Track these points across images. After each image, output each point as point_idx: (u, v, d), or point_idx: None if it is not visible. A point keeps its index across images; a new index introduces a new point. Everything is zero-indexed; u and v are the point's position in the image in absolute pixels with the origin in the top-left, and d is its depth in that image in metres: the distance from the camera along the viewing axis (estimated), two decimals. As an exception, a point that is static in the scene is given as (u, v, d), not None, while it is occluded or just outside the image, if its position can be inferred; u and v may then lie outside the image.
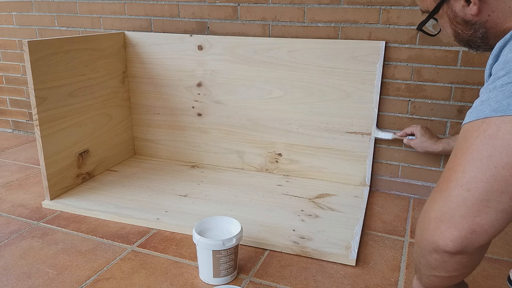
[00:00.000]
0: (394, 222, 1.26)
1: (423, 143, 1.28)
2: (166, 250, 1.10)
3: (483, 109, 0.57)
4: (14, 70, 1.99)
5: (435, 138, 1.28)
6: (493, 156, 0.54)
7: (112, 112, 1.57)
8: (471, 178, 0.55)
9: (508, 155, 0.53)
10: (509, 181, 0.53)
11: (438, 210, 0.58)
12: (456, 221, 0.56)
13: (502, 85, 0.56)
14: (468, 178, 0.56)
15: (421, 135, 1.28)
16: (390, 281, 0.99)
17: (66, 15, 1.78)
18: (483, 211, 0.54)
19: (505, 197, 0.54)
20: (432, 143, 1.27)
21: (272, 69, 1.44)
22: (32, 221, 1.24)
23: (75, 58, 1.36)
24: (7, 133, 2.09)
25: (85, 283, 0.97)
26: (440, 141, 1.27)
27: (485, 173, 0.54)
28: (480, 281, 1.00)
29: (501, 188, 0.54)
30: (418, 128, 1.30)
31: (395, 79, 1.36)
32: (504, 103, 0.54)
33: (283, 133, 1.50)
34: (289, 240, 1.12)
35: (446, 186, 0.58)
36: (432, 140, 1.27)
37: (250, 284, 0.97)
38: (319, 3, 1.38)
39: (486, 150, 0.55)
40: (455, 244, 0.56)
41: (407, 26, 1.30)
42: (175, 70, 1.57)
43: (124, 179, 1.49)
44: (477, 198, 0.55)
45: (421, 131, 1.29)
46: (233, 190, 1.42)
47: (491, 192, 0.54)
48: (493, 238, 0.56)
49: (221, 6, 1.50)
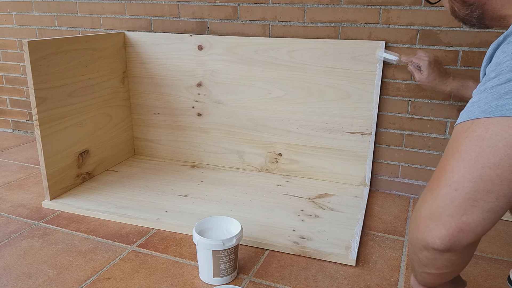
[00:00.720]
0: (394, 222, 1.26)
1: (430, 82, 1.16)
2: (166, 250, 1.10)
3: (473, 110, 0.58)
4: (14, 70, 1.99)
5: (445, 76, 1.16)
6: (481, 157, 0.55)
7: (112, 112, 1.57)
8: (459, 178, 0.56)
9: (495, 155, 0.54)
10: (496, 181, 0.54)
11: (427, 208, 0.59)
12: (444, 220, 0.57)
13: (492, 87, 0.57)
14: (456, 177, 0.56)
15: (428, 73, 1.15)
16: (390, 281, 0.99)
17: (66, 15, 1.78)
18: (470, 210, 0.55)
19: (492, 197, 0.55)
20: (441, 81, 1.15)
21: (272, 69, 1.44)
22: (32, 221, 1.24)
23: (75, 58, 1.36)
24: (7, 133, 2.09)
25: (85, 283, 0.97)
26: (450, 81, 1.15)
27: (472, 173, 0.55)
28: (480, 281, 1.00)
29: (487, 188, 0.54)
30: (426, 63, 1.16)
31: (395, 79, 1.36)
32: (492, 104, 0.55)
33: (283, 133, 1.50)
34: (289, 240, 1.12)
35: (436, 185, 0.59)
36: (441, 78, 1.15)
37: (250, 284, 0.97)
38: (319, 3, 1.38)
39: (474, 150, 0.55)
40: (443, 242, 0.57)
41: (407, 26, 1.30)
42: (175, 70, 1.57)
43: (124, 179, 1.49)
44: (464, 197, 0.56)
45: (429, 68, 1.15)
46: (233, 190, 1.42)
47: (478, 192, 0.55)
48: (480, 237, 0.57)
49: (221, 6, 1.50)
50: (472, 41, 1.25)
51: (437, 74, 1.15)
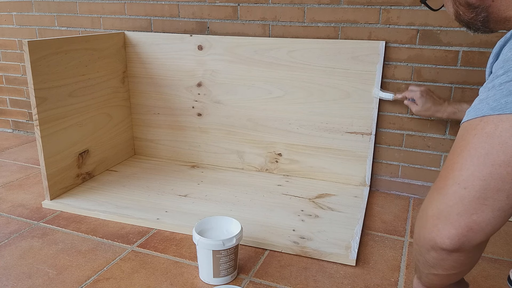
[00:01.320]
0: (394, 222, 1.26)
1: (426, 111, 1.20)
2: (166, 250, 1.10)
3: (481, 108, 0.57)
4: (14, 70, 1.99)
5: (440, 102, 1.19)
6: (490, 154, 0.54)
7: (112, 112, 1.57)
8: (468, 176, 0.55)
9: (505, 153, 0.53)
10: (506, 179, 0.53)
11: (435, 208, 0.58)
12: (453, 219, 0.56)
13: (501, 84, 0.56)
14: (465, 176, 0.55)
15: (423, 103, 1.20)
16: (390, 281, 0.99)
17: (66, 15, 1.78)
18: (479, 208, 0.54)
19: (502, 195, 0.54)
20: (436, 109, 1.19)
21: (272, 69, 1.44)
22: (32, 221, 1.24)
23: (75, 58, 1.36)
24: (7, 133, 2.09)
25: (85, 283, 0.97)
26: (446, 106, 1.18)
27: (482, 171, 0.54)
28: (480, 281, 1.00)
29: (497, 186, 0.54)
30: (418, 94, 1.21)
31: (395, 79, 1.36)
32: (502, 101, 0.54)
33: (283, 133, 1.50)
34: (289, 240, 1.12)
35: (443, 184, 0.58)
36: (436, 105, 1.19)
37: (250, 284, 0.97)
38: (319, 3, 1.38)
39: (484, 148, 0.55)
40: (452, 241, 0.56)
41: (407, 26, 1.30)
42: (175, 70, 1.57)
43: (124, 179, 1.49)
44: (473, 195, 0.55)
45: (422, 99, 1.20)
46: (233, 190, 1.42)
47: (488, 190, 0.54)
48: (490, 236, 0.56)
49: (221, 6, 1.50)
50: (472, 41, 1.25)
51: (431, 103, 1.20)
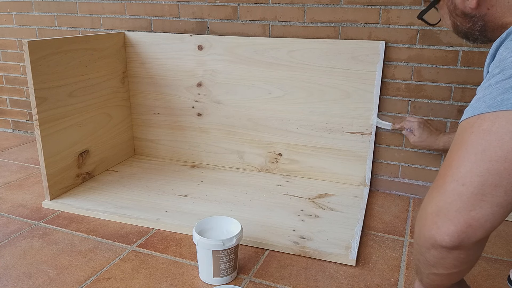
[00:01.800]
0: (394, 222, 1.26)
1: (422, 142, 1.25)
2: (166, 250, 1.10)
3: (478, 106, 0.57)
4: (14, 70, 1.99)
5: (436, 133, 1.24)
6: (487, 150, 0.54)
7: (112, 112, 1.57)
8: (466, 173, 0.56)
9: (502, 149, 0.53)
10: (503, 174, 0.54)
11: (434, 205, 0.58)
12: (452, 216, 0.56)
13: (497, 82, 0.56)
14: (463, 172, 0.56)
15: (420, 134, 1.25)
16: (390, 281, 0.99)
17: (66, 15, 1.78)
18: (478, 205, 0.55)
19: (500, 191, 0.54)
20: (432, 140, 1.23)
21: (272, 69, 1.44)
22: (32, 221, 1.24)
23: (75, 58, 1.36)
24: (7, 133, 2.09)
25: (85, 283, 0.97)
26: (441, 137, 1.22)
27: (479, 167, 0.55)
28: (480, 281, 1.00)
29: (495, 182, 0.54)
30: (415, 125, 1.25)
31: (395, 79, 1.36)
32: (498, 99, 0.55)
33: (283, 133, 1.50)
34: (289, 240, 1.12)
35: (442, 182, 0.58)
36: (432, 136, 1.23)
37: (250, 284, 0.97)
38: (319, 3, 1.38)
39: (481, 144, 0.55)
40: (451, 238, 0.56)
41: (407, 26, 1.30)
42: (175, 70, 1.57)
43: (124, 179, 1.49)
44: (472, 192, 0.55)
45: (419, 130, 1.25)
46: (233, 190, 1.42)
47: (486, 186, 0.54)
48: (489, 233, 0.56)
49: (221, 6, 1.50)
50: (472, 41, 1.25)
51: (428, 133, 1.24)
